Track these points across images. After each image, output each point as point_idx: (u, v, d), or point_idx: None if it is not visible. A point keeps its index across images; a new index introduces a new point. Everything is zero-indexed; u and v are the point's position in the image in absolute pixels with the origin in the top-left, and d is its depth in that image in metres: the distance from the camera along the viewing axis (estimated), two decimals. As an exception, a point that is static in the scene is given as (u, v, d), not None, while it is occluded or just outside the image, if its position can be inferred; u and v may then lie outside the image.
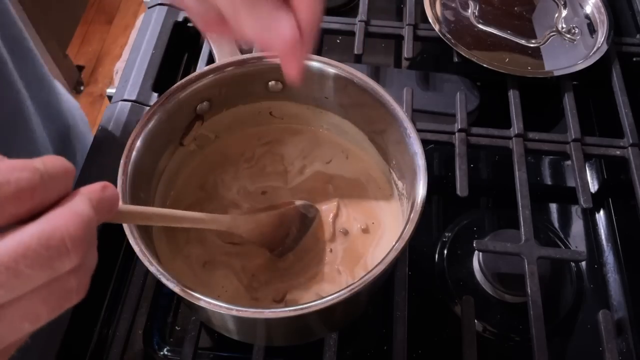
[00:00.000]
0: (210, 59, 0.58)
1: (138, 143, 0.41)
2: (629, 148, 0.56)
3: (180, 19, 0.67)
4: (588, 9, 0.66)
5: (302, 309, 0.34)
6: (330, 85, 0.46)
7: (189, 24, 0.67)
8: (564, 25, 0.64)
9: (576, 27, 0.64)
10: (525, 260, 0.48)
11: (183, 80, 0.44)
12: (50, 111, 0.60)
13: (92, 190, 0.23)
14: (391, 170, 0.48)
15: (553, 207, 0.59)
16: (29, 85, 0.54)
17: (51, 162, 0.22)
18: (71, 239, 0.21)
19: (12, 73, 0.50)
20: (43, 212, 0.21)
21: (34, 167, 0.21)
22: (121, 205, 0.25)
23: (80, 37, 1.95)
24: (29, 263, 0.20)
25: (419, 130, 0.42)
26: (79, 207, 0.22)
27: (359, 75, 0.44)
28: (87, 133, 0.70)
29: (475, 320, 0.47)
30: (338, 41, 0.71)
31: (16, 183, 0.20)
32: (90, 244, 0.22)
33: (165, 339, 0.49)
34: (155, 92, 0.60)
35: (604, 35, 0.62)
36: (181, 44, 0.67)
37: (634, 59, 0.64)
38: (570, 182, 0.60)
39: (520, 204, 0.51)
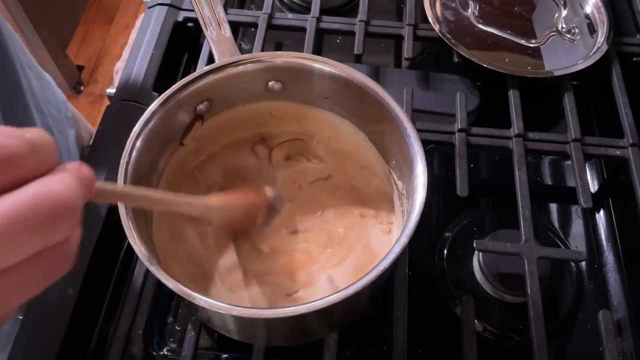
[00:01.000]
0: (210, 59, 0.58)
1: (138, 143, 0.41)
2: (629, 148, 0.55)
3: (180, 18, 0.67)
4: (588, 9, 0.66)
5: (302, 309, 0.34)
6: (330, 85, 0.46)
7: (189, 24, 0.67)
8: (564, 25, 0.64)
9: (576, 27, 0.64)
10: (525, 260, 0.48)
11: (183, 80, 0.44)
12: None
13: (72, 167, 0.23)
14: (391, 170, 0.48)
15: (553, 207, 0.59)
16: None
17: (38, 133, 0.22)
18: (64, 205, 0.20)
19: None
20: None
21: (23, 136, 0.21)
22: (97, 182, 0.25)
23: (80, 37, 1.95)
24: (23, 227, 0.19)
25: (419, 130, 0.42)
26: (67, 178, 0.21)
27: (359, 75, 0.44)
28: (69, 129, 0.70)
29: (475, 320, 0.47)
30: (338, 41, 0.71)
31: (7, 149, 0.20)
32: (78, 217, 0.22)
33: (165, 339, 0.49)
34: (155, 92, 0.60)
35: (604, 35, 0.62)
36: (181, 44, 0.67)
37: (634, 59, 0.64)
38: (570, 182, 0.60)
39: (520, 204, 0.51)
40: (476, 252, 0.52)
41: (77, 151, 0.70)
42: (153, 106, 0.42)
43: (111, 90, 0.62)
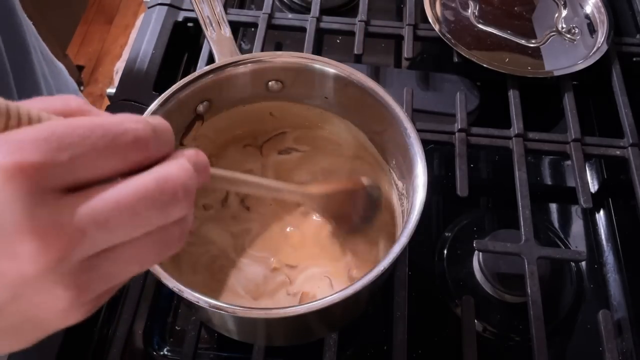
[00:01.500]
0: (210, 59, 0.58)
1: (138, 143, 0.41)
2: (629, 148, 0.55)
3: (180, 18, 0.67)
4: (588, 9, 0.66)
5: (302, 309, 0.34)
6: (330, 85, 0.46)
7: (189, 24, 0.67)
8: (564, 25, 0.64)
9: (576, 27, 0.64)
10: (525, 260, 0.48)
11: (183, 80, 0.44)
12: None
13: (189, 153, 0.25)
14: (391, 170, 0.48)
15: (553, 207, 0.59)
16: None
17: (159, 120, 0.24)
18: (183, 187, 0.23)
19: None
20: (153, 166, 0.23)
21: (147, 121, 0.23)
22: (212, 168, 0.27)
23: (80, 37, 1.95)
24: (146, 205, 0.22)
25: (419, 130, 0.42)
26: (185, 163, 0.24)
27: (359, 75, 0.44)
28: None
29: (475, 320, 0.47)
30: (338, 41, 0.71)
31: (133, 132, 0.22)
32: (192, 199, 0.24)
33: (165, 339, 0.49)
34: (155, 92, 0.60)
35: (604, 35, 0.62)
36: (181, 44, 0.67)
37: (634, 59, 0.64)
38: (570, 182, 0.60)
39: (520, 204, 0.51)
40: (476, 252, 0.52)
41: None
42: (153, 106, 0.42)
43: (111, 90, 0.62)
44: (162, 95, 0.43)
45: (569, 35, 0.63)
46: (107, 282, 0.23)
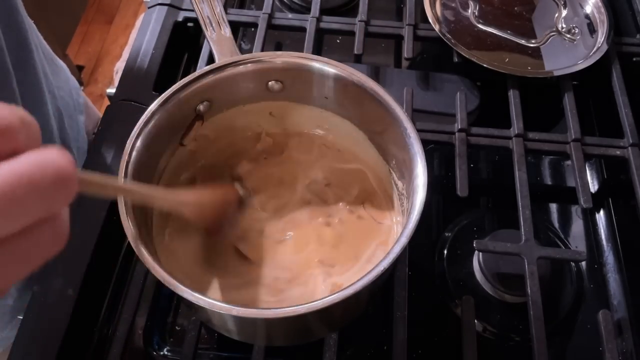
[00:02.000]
0: (210, 59, 0.58)
1: (138, 143, 0.41)
2: (629, 148, 0.56)
3: (180, 18, 0.67)
4: (588, 9, 0.66)
5: (302, 309, 0.34)
6: (330, 85, 0.46)
7: (189, 24, 0.67)
8: (564, 25, 0.64)
9: (576, 27, 0.64)
10: (525, 260, 0.48)
11: (183, 80, 0.44)
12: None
13: (56, 148, 0.23)
14: (391, 170, 0.48)
15: (553, 207, 0.59)
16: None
17: (24, 111, 0.22)
18: (65, 173, 0.21)
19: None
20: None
21: (14, 110, 0.21)
22: (81, 172, 0.25)
23: (80, 37, 1.95)
24: (28, 190, 0.19)
25: (419, 130, 0.42)
26: (62, 151, 0.21)
27: (359, 75, 0.44)
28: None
29: (475, 320, 0.47)
30: (338, 41, 0.71)
31: (3, 120, 0.20)
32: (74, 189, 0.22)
33: (165, 339, 0.49)
34: (155, 92, 0.60)
35: (604, 35, 0.62)
36: (181, 44, 0.67)
37: (634, 59, 0.64)
38: (570, 182, 0.60)
39: (520, 204, 0.51)
40: (476, 252, 0.52)
41: (86, 137, 0.71)
42: (153, 106, 0.42)
43: (111, 90, 0.62)
44: (162, 95, 0.43)
45: (569, 35, 0.63)
46: None
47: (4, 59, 0.50)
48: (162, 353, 0.49)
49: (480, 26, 0.64)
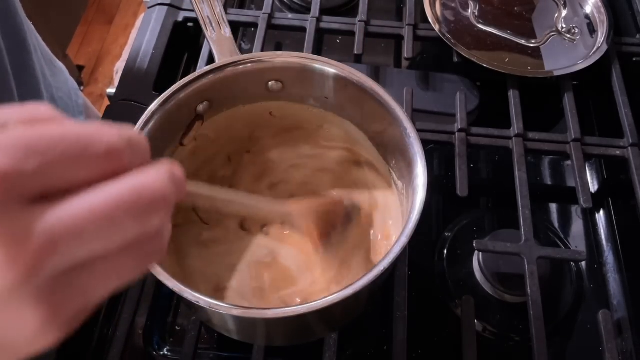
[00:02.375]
0: (210, 59, 0.58)
1: (138, 143, 0.41)
2: (629, 148, 0.56)
3: (180, 18, 0.67)
4: (588, 9, 0.66)
5: (302, 309, 0.34)
6: (330, 85, 0.46)
7: (189, 24, 0.67)
8: (564, 25, 0.64)
9: (576, 27, 0.64)
10: (525, 260, 0.48)
11: (183, 80, 0.44)
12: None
13: (165, 165, 0.24)
14: (391, 170, 0.48)
15: (553, 207, 0.59)
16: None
17: (132, 132, 0.23)
18: (162, 195, 0.22)
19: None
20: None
21: (122, 132, 0.22)
22: (189, 183, 0.26)
23: (80, 37, 1.95)
24: (123, 213, 0.20)
25: (419, 130, 0.42)
26: (162, 172, 0.22)
27: (359, 75, 0.44)
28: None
29: (475, 320, 0.47)
30: (338, 41, 0.71)
31: (107, 142, 0.21)
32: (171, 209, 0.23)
33: (165, 339, 0.49)
34: (155, 92, 0.60)
35: (604, 35, 0.62)
36: (181, 44, 0.67)
37: (634, 59, 0.64)
38: (570, 182, 0.60)
39: (520, 204, 0.51)
40: (476, 252, 0.52)
41: None
42: (153, 106, 0.42)
43: (111, 90, 0.62)
44: (162, 95, 0.43)
45: (569, 35, 0.63)
46: (83, 299, 0.21)
47: (2, 61, 0.50)
48: (162, 353, 0.49)
49: (480, 26, 0.64)
